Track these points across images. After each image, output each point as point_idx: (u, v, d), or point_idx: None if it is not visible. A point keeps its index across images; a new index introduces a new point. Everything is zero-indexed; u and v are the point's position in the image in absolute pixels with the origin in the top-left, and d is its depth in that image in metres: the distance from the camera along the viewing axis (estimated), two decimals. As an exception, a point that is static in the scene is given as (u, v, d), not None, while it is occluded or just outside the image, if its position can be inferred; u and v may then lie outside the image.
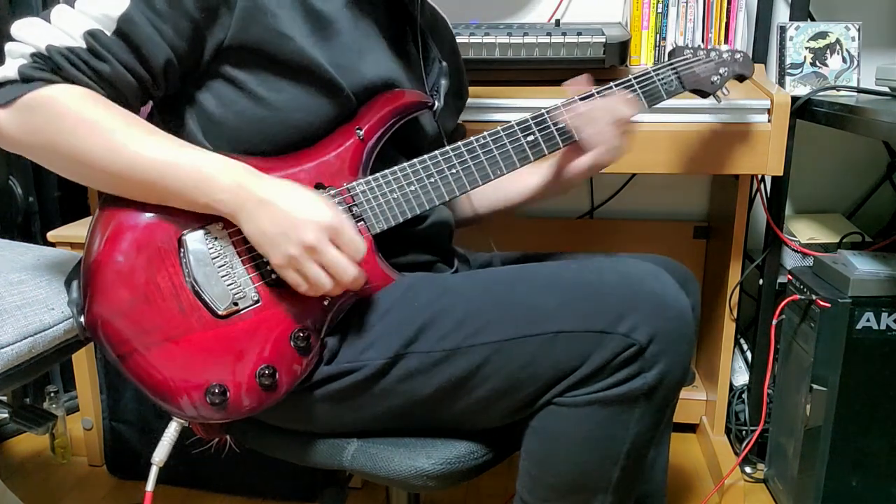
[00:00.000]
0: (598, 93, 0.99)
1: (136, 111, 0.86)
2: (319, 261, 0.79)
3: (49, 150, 0.79)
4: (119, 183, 0.81)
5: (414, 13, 1.01)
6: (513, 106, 1.36)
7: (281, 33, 0.84)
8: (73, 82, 0.79)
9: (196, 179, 0.79)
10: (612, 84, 1.01)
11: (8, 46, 0.80)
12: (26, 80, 0.78)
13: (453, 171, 0.93)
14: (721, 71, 1.11)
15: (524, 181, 1.11)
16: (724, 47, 1.14)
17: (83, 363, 1.61)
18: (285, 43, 0.85)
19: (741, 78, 1.15)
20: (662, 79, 1.05)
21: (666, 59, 1.08)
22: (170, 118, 0.91)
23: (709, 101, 1.27)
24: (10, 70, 0.79)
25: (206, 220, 0.83)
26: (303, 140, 0.89)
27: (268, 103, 0.87)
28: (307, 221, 0.78)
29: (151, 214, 0.82)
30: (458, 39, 1.38)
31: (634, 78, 1.03)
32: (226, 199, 0.80)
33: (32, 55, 0.79)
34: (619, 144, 0.98)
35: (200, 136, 0.89)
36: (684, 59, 1.09)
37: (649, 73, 1.05)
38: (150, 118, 0.94)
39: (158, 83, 0.85)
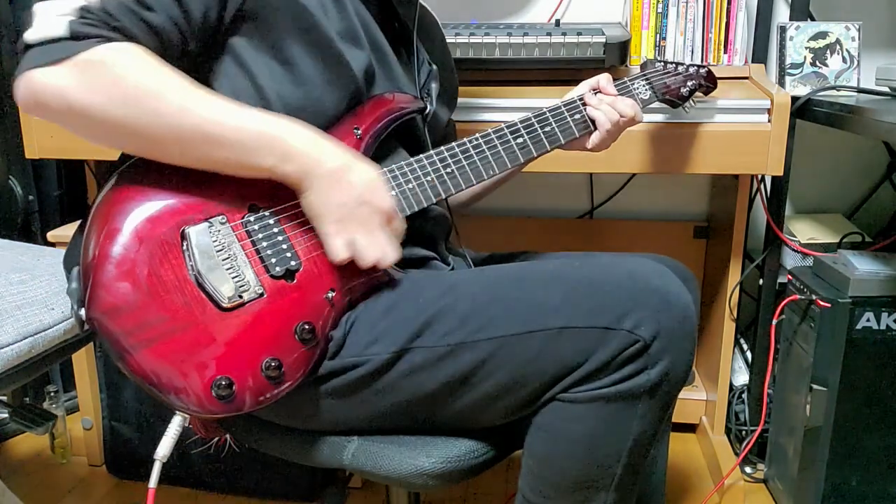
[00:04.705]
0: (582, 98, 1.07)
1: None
2: (369, 237, 0.84)
3: (112, 112, 0.77)
4: (178, 146, 0.80)
5: (403, 15, 1.02)
6: (512, 106, 1.36)
7: (298, 3, 0.87)
8: (124, 34, 0.79)
9: (263, 142, 0.80)
10: (575, 97, 1.07)
11: (45, 5, 0.78)
12: (77, 37, 0.76)
13: (448, 170, 0.96)
14: (689, 84, 1.20)
15: None
16: (688, 62, 1.24)
17: (83, 363, 1.61)
18: (301, 13, 0.87)
19: (706, 90, 1.24)
20: (637, 88, 1.13)
21: (640, 69, 1.18)
22: None
23: (708, 102, 1.28)
24: (58, 27, 0.76)
25: (207, 213, 0.83)
26: (309, 122, 0.90)
27: (278, 75, 0.88)
28: (371, 203, 0.84)
29: (152, 206, 0.82)
30: (458, 39, 1.40)
31: None
32: (294, 165, 0.81)
33: (81, 9, 0.77)
34: (601, 141, 1.07)
35: None
36: (656, 71, 1.17)
37: (625, 82, 1.12)
38: None
39: (193, 39, 0.85)
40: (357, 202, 0.83)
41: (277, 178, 0.82)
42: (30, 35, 0.77)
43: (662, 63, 1.19)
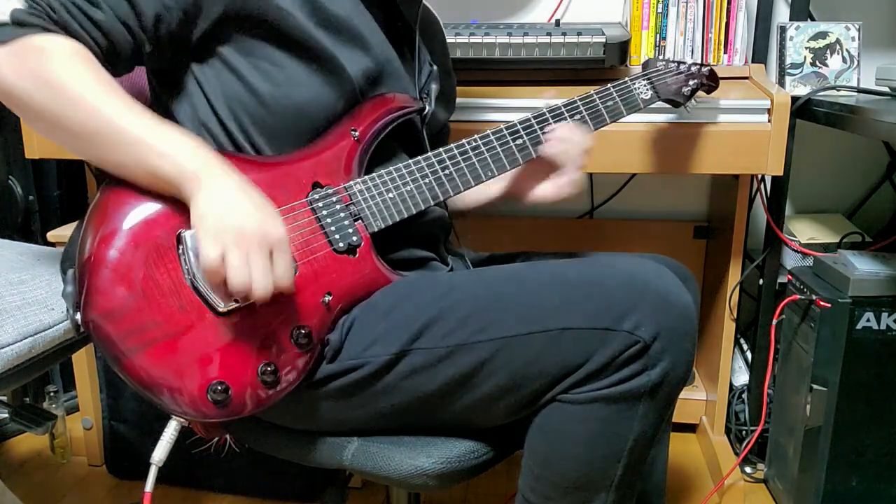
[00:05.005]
0: (554, 112, 1.03)
1: (128, 69, 0.87)
2: (241, 258, 0.76)
3: (28, 96, 0.78)
4: (87, 142, 0.80)
5: (407, 16, 1.02)
6: (513, 106, 1.36)
7: (280, 7, 0.87)
8: (65, 28, 0.80)
9: (160, 151, 0.78)
10: (576, 98, 1.05)
11: None
12: (19, 24, 0.78)
13: (447, 171, 0.96)
14: (690, 83, 1.18)
15: (485, 191, 1.14)
16: (690, 60, 1.21)
17: (83, 363, 1.61)
18: (285, 17, 0.87)
19: (708, 90, 1.23)
20: (638, 88, 1.10)
21: (641, 68, 1.15)
22: (172, 102, 0.92)
23: (708, 102, 1.28)
24: (2, 12, 0.78)
25: None
26: (304, 123, 0.90)
27: (271, 77, 0.88)
28: (257, 224, 0.77)
29: (148, 209, 0.81)
30: (458, 39, 1.40)
31: (613, 86, 1.07)
32: (184, 180, 0.78)
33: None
34: (579, 178, 1.03)
35: (207, 117, 0.90)
36: (657, 71, 1.15)
37: (626, 82, 1.09)
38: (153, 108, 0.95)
39: (149, 41, 0.85)
40: (245, 216, 0.77)
41: (175, 192, 0.79)
42: None
43: (664, 62, 1.17)
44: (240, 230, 0.76)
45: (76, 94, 0.78)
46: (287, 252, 0.79)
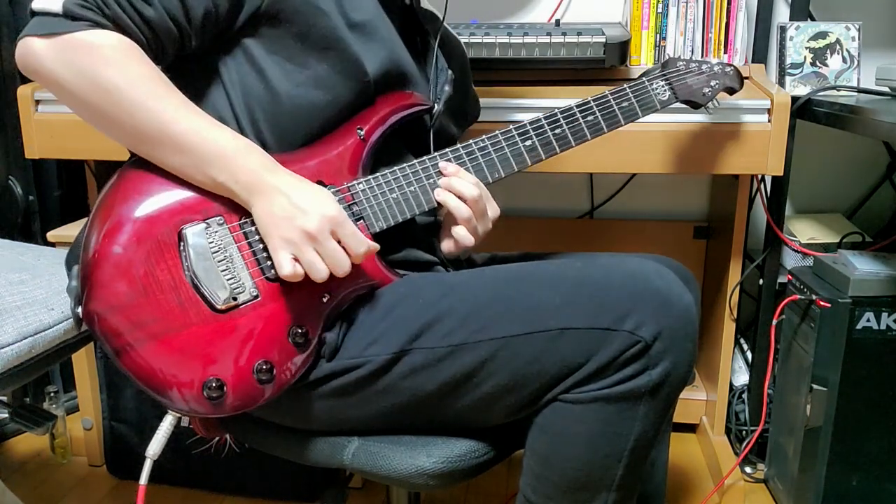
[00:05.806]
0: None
1: (168, 63, 0.88)
2: (317, 249, 0.81)
3: (82, 94, 0.80)
4: (142, 143, 0.82)
5: (428, 29, 1.03)
6: (513, 106, 1.36)
7: (317, 7, 0.87)
8: (115, 22, 0.80)
9: (220, 157, 0.81)
10: (589, 98, 1.00)
11: None
12: (70, 16, 0.79)
13: None
14: (712, 83, 1.12)
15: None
16: (714, 60, 1.16)
17: (83, 363, 1.61)
18: (320, 17, 0.87)
19: (731, 91, 1.17)
20: (655, 89, 1.05)
21: (660, 68, 1.10)
22: (188, 86, 0.92)
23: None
24: (53, 2, 0.79)
25: (206, 214, 0.83)
26: (316, 124, 0.90)
27: (292, 77, 0.89)
28: (313, 211, 0.80)
29: (152, 206, 0.82)
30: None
31: (629, 86, 1.04)
32: (243, 181, 0.81)
33: None
34: (473, 230, 0.95)
35: (222, 106, 0.90)
36: (677, 71, 1.10)
37: (643, 81, 1.05)
38: None
39: (195, 36, 0.86)
40: (301, 212, 0.80)
41: (229, 193, 0.83)
42: (35, 3, 0.80)
43: (685, 62, 1.11)
44: (303, 228, 0.80)
45: (131, 99, 0.79)
46: (348, 224, 0.82)
